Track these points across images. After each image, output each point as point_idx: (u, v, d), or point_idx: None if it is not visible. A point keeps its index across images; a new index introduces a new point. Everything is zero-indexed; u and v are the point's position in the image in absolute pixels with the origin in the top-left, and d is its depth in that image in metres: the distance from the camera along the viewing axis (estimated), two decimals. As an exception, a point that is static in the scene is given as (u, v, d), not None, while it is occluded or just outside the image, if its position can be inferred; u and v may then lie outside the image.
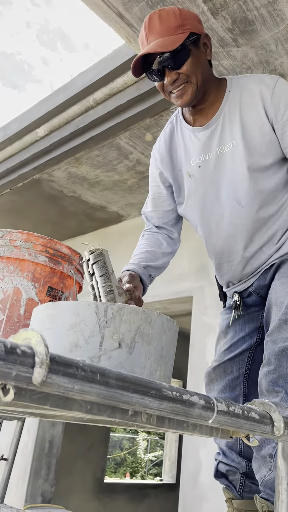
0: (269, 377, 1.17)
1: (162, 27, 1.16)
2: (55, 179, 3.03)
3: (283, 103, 1.20)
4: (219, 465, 1.40)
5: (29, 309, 1.17)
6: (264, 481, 1.16)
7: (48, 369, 0.49)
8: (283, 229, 1.31)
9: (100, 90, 2.34)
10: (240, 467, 1.37)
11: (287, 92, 1.22)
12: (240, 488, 1.36)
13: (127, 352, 0.77)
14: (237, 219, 1.31)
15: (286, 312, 1.20)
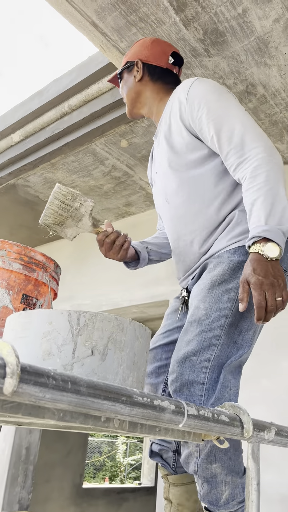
0: (173, 386, 1.17)
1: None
2: (31, 184, 3.02)
3: (197, 102, 1.27)
4: (152, 445, 1.48)
5: (3, 317, 1.17)
6: (201, 495, 1.21)
7: (19, 379, 0.50)
8: (209, 227, 1.31)
9: (75, 97, 2.35)
10: (170, 446, 1.44)
11: (201, 90, 1.29)
12: (174, 464, 1.43)
13: (100, 359, 0.79)
14: (169, 218, 1.40)
15: (193, 314, 1.21)
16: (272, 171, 1.17)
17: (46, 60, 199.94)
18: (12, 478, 3.21)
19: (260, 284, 1.09)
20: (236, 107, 1.26)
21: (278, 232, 1.11)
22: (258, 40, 1.75)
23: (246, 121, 1.24)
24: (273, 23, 1.68)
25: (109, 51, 1.85)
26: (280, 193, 1.15)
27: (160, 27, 1.72)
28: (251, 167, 1.19)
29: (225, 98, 1.28)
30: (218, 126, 1.24)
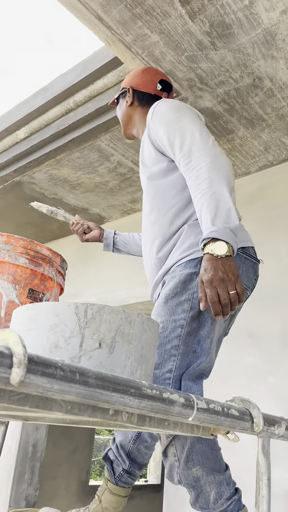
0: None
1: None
2: (36, 181, 3.01)
3: (158, 119, 1.44)
4: (109, 451, 1.60)
5: (10, 312, 1.17)
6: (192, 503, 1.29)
7: (26, 369, 0.49)
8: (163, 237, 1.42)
9: (80, 92, 2.34)
10: (124, 465, 1.55)
11: (161, 109, 1.46)
12: (118, 478, 1.56)
13: (108, 352, 0.78)
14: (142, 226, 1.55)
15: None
16: (215, 176, 1.25)
17: (50, 57, 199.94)
18: (19, 475, 3.21)
19: (210, 281, 1.16)
20: (189, 121, 1.39)
21: (225, 231, 1.18)
22: (265, 32, 1.73)
23: (196, 132, 1.35)
24: (280, 14, 1.65)
25: (114, 45, 1.83)
26: (224, 195, 1.22)
27: (165, 20, 1.70)
28: (195, 175, 1.29)
29: (180, 114, 1.42)
30: (172, 138, 1.38)
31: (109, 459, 1.59)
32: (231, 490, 1.27)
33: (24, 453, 3.29)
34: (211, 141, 1.34)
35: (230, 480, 1.29)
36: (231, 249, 1.19)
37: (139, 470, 1.60)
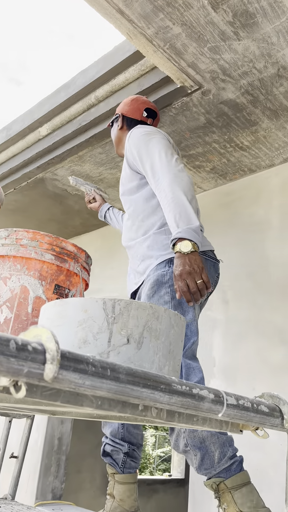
0: None
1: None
2: (59, 177, 3.03)
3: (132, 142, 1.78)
4: (105, 446, 1.73)
5: (37, 307, 1.18)
6: (197, 467, 1.41)
7: (59, 365, 0.49)
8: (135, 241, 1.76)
9: (102, 88, 2.34)
10: (123, 448, 1.69)
11: (135, 134, 1.78)
12: (122, 465, 1.69)
13: (136, 348, 0.77)
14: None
15: None
16: (176, 187, 1.52)
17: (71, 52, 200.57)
18: (45, 468, 3.27)
19: (179, 275, 1.40)
20: (156, 143, 1.69)
21: (188, 231, 1.43)
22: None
23: (162, 153, 1.64)
24: (306, 1, 1.61)
25: (136, 38, 1.82)
26: (184, 203, 1.49)
27: (187, 11, 1.68)
28: (161, 190, 1.57)
29: (150, 137, 1.73)
30: (143, 159, 1.70)
31: (108, 454, 1.72)
32: (233, 451, 1.42)
33: (50, 446, 3.34)
34: (174, 160, 1.63)
35: (232, 442, 1.45)
36: (196, 245, 1.43)
37: (138, 450, 1.73)
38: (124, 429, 1.71)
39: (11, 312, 1.15)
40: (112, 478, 1.70)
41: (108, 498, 1.69)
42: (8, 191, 3.26)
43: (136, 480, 1.71)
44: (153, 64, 2.10)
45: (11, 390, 0.53)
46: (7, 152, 2.98)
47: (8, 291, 1.17)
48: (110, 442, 1.71)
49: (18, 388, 0.53)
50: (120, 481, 1.67)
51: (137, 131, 1.80)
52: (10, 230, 1.23)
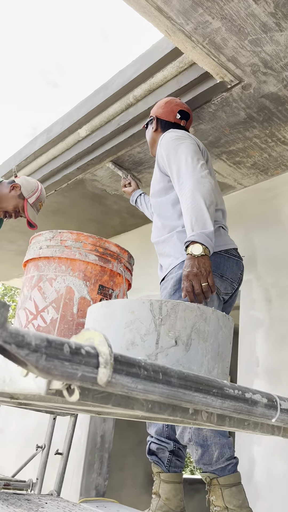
0: None
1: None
2: (98, 178, 3.06)
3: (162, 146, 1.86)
4: (151, 444, 1.79)
5: (82, 308, 1.19)
6: (196, 460, 1.53)
7: (112, 369, 0.49)
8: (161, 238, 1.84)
9: (140, 87, 2.33)
10: (168, 446, 1.73)
11: (166, 138, 1.87)
12: (168, 464, 1.73)
13: (184, 350, 0.76)
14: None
15: None
16: (197, 193, 1.59)
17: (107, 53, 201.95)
18: (89, 465, 3.31)
19: (186, 275, 1.46)
20: (185, 148, 1.77)
21: (201, 235, 1.50)
22: None
23: (189, 158, 1.71)
24: None
25: (174, 35, 1.80)
26: (202, 207, 1.56)
27: (227, 4, 1.64)
28: (183, 194, 1.64)
29: (180, 142, 1.81)
30: (171, 162, 1.78)
31: (153, 452, 1.78)
32: (231, 453, 1.54)
33: (93, 443, 3.38)
34: (199, 166, 1.70)
35: (231, 445, 1.55)
36: (207, 250, 1.48)
37: (183, 449, 1.78)
38: (169, 427, 1.75)
39: (57, 312, 1.17)
40: (157, 477, 1.75)
41: (153, 497, 1.72)
42: (49, 193, 3.32)
43: (181, 480, 1.73)
44: (191, 61, 2.07)
45: (64, 393, 0.54)
46: (48, 155, 3.03)
47: (54, 292, 1.19)
48: (156, 440, 1.76)
49: (71, 392, 0.53)
50: (165, 480, 1.71)
51: (169, 135, 1.88)
52: (55, 231, 1.24)
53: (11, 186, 2.33)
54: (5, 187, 2.34)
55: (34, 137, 3.17)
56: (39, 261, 1.24)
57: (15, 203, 2.30)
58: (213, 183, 1.69)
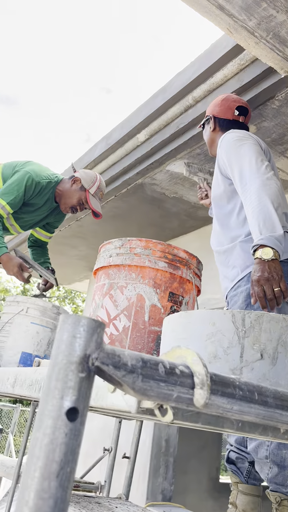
0: None
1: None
2: (157, 182, 3.06)
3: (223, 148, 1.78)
4: (230, 453, 1.73)
5: (153, 316, 1.17)
6: (269, 478, 1.48)
7: (210, 391, 0.47)
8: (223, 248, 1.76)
9: (199, 88, 2.30)
10: (248, 457, 1.67)
11: (226, 139, 1.79)
12: (247, 475, 1.67)
13: (270, 364, 0.72)
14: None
15: None
16: (263, 194, 1.52)
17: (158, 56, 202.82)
18: (154, 469, 3.31)
19: (257, 280, 1.40)
20: (248, 149, 1.69)
21: (270, 239, 1.43)
22: None
23: (252, 159, 1.64)
24: None
25: (236, 32, 1.75)
26: (270, 211, 1.48)
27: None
28: (248, 196, 1.57)
29: (242, 143, 1.73)
30: (232, 164, 1.70)
31: (232, 461, 1.72)
32: None
33: (158, 447, 3.38)
34: (264, 167, 1.62)
35: None
36: (277, 253, 1.42)
37: None
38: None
39: (129, 320, 1.16)
40: (235, 487, 1.70)
41: (230, 507, 1.68)
42: (109, 199, 3.37)
43: (260, 493, 1.67)
44: (253, 57, 2.00)
45: (156, 413, 0.52)
46: (107, 161, 3.07)
47: (125, 300, 1.19)
48: (235, 449, 1.71)
49: (164, 412, 0.51)
50: (243, 491, 1.65)
51: (229, 136, 1.80)
52: (124, 239, 1.24)
53: (72, 181, 2.40)
54: (66, 183, 2.41)
55: (93, 144, 3.23)
56: (109, 269, 1.24)
57: (78, 196, 2.36)
58: (279, 185, 1.60)
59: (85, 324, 0.43)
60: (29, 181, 2.23)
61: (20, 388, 0.89)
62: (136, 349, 1.14)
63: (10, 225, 2.40)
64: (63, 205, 2.41)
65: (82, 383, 0.41)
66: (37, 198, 2.32)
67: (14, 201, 2.20)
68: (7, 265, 2.15)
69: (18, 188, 2.21)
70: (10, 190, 2.20)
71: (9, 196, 2.19)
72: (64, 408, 0.39)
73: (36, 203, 2.36)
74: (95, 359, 0.42)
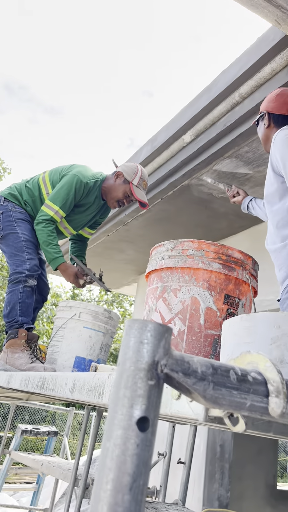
0: None
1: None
2: (204, 182, 3.01)
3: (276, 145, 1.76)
4: None
5: (209, 319, 1.14)
6: None
7: (287, 399, 0.43)
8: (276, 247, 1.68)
9: (246, 84, 2.24)
10: None
11: (279, 137, 1.77)
12: None
13: None
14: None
15: None
16: None
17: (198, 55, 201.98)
18: (210, 475, 3.25)
19: None
20: None
21: None
22: None
23: None
24: None
25: (285, 24, 1.69)
26: None
27: None
28: None
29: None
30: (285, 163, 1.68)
31: None
32: None
33: (213, 453, 3.32)
34: None
35: None
36: None
37: None
38: None
39: (184, 324, 1.14)
40: None
41: None
42: (155, 201, 3.36)
43: None
44: (303, 48, 1.93)
45: (226, 421, 0.49)
46: (153, 164, 3.07)
47: (179, 303, 1.16)
48: None
49: (235, 421, 0.49)
50: None
51: (282, 133, 1.79)
52: (176, 241, 1.22)
53: (115, 176, 2.46)
54: (110, 179, 2.48)
55: (139, 148, 3.23)
56: (161, 272, 1.23)
57: (123, 189, 2.43)
58: None
59: (152, 329, 0.41)
60: (77, 184, 2.29)
61: (79, 393, 0.89)
62: (192, 353, 1.11)
63: (64, 228, 2.47)
64: (110, 200, 2.48)
65: (152, 391, 0.39)
66: (86, 198, 2.39)
67: (65, 205, 2.27)
68: (65, 273, 2.26)
69: (68, 191, 2.27)
70: (60, 194, 2.26)
71: (61, 201, 2.25)
72: (134, 417, 0.38)
73: (86, 203, 2.42)
74: (163, 365, 0.40)
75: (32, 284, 2.16)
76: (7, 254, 2.25)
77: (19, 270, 2.15)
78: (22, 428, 3.69)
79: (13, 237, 2.23)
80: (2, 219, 2.27)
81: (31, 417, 12.35)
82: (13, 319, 2.13)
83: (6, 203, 2.31)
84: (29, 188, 2.40)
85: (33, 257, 2.21)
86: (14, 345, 2.09)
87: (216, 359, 1.13)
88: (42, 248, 2.23)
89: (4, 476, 3.61)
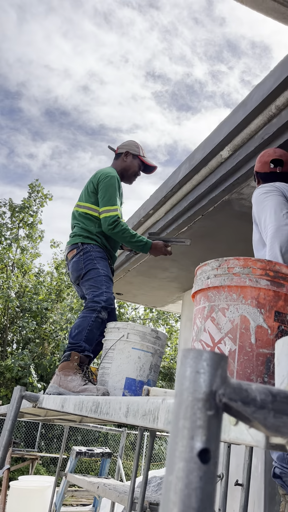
0: None
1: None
2: (245, 196, 2.98)
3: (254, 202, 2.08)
4: (275, 469, 1.85)
5: (260, 337, 1.12)
6: None
7: None
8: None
9: (282, 95, 2.22)
10: None
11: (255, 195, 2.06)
12: None
13: None
14: None
15: None
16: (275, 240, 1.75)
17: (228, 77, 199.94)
18: (270, 497, 3.12)
19: None
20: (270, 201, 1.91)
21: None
22: None
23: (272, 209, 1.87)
24: None
25: None
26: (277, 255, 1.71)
27: None
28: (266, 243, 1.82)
29: (266, 196, 1.96)
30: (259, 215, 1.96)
31: (278, 475, 1.82)
32: None
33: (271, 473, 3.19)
34: (282, 214, 1.84)
35: None
36: None
37: None
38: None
39: (235, 343, 1.12)
40: (283, 499, 1.85)
41: None
42: (196, 218, 3.35)
43: None
44: None
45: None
46: (192, 181, 3.08)
47: (228, 322, 1.15)
48: (279, 466, 1.83)
49: (297, 448, 0.47)
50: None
51: (257, 191, 2.04)
52: (221, 260, 1.21)
53: (124, 155, 2.67)
54: (122, 161, 2.68)
55: (177, 167, 3.26)
56: (208, 291, 1.22)
57: (137, 163, 2.68)
58: None
59: (207, 358, 0.41)
60: (117, 181, 2.50)
61: (133, 418, 0.90)
62: (245, 373, 1.09)
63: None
64: (130, 177, 2.70)
65: (211, 421, 0.39)
66: (120, 188, 2.62)
67: (118, 201, 2.47)
68: (156, 249, 2.54)
69: (114, 189, 2.46)
70: (112, 194, 2.44)
71: (114, 199, 2.44)
72: (196, 449, 0.38)
73: (121, 193, 2.65)
74: (222, 395, 0.40)
75: (104, 317, 2.25)
76: (86, 286, 2.36)
77: (96, 300, 2.25)
78: (77, 450, 3.71)
79: (93, 272, 2.35)
80: (84, 259, 2.39)
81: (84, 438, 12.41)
82: (77, 342, 2.19)
83: (85, 246, 2.42)
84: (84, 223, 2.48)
85: (110, 291, 2.32)
86: (67, 368, 2.13)
87: (270, 379, 1.10)
88: (129, 244, 2.42)
89: (62, 498, 3.64)
